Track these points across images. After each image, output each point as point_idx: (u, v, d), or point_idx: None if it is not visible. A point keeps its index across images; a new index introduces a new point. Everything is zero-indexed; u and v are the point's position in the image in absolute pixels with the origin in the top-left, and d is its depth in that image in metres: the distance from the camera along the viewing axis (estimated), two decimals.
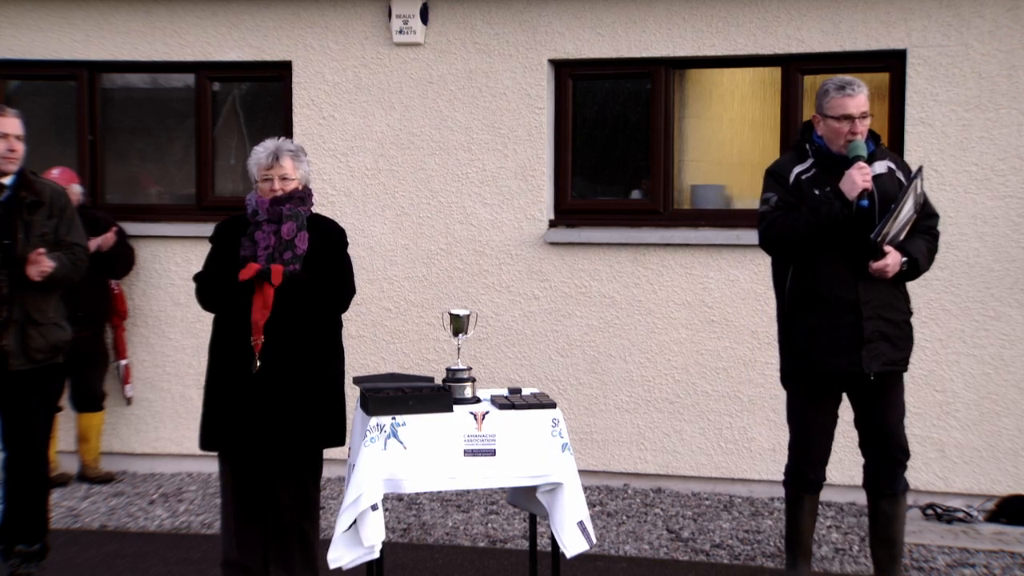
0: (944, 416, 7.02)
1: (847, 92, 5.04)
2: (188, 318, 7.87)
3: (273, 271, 4.85)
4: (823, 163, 5.10)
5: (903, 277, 5.09)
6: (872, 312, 5.01)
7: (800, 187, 5.08)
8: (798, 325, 5.13)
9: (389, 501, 7.01)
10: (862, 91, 5.07)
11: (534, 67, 7.57)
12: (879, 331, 5.02)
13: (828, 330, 5.03)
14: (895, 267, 4.99)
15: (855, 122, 5.02)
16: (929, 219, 5.21)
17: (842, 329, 5.01)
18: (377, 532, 4.51)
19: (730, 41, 7.31)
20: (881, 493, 5.21)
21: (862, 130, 5.04)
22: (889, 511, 5.21)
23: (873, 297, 5.01)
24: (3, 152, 5.42)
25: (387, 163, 7.78)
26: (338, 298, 5.08)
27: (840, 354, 5.03)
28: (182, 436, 7.99)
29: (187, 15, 7.97)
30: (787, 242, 5.10)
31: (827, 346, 5.04)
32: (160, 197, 8.49)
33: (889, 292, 5.07)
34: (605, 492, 7.42)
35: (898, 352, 5.10)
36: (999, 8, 6.87)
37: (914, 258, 5.04)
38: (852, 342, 5.00)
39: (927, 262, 5.16)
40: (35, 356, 5.45)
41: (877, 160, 5.12)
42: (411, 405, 4.60)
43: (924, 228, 5.16)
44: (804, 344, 5.11)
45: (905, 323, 5.15)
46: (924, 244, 5.13)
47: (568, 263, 7.57)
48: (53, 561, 5.73)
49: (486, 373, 7.50)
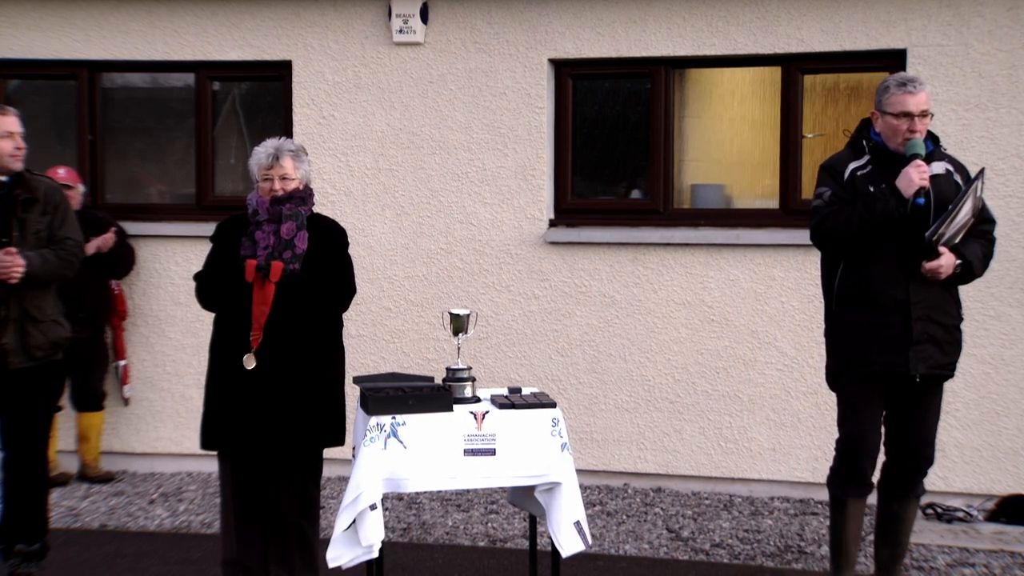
0: (944, 416, 6.96)
1: (908, 89, 4.96)
2: (188, 317, 7.87)
3: (272, 268, 4.86)
4: (880, 160, 5.03)
5: (956, 280, 5.02)
6: (922, 313, 4.94)
7: (855, 184, 5.01)
8: (846, 323, 5.06)
9: (389, 500, 7.01)
10: (923, 88, 4.98)
11: (534, 67, 7.57)
12: (927, 333, 4.95)
13: (877, 329, 4.97)
14: (949, 269, 4.93)
15: (914, 120, 4.94)
16: (985, 224, 5.13)
17: (891, 329, 4.94)
18: (376, 531, 4.51)
19: (730, 41, 7.31)
20: (895, 494, 5.19)
21: (921, 128, 4.96)
22: (900, 513, 5.20)
23: (924, 298, 4.94)
24: (11, 151, 5.43)
25: (387, 162, 7.78)
26: (338, 297, 5.09)
27: (887, 354, 4.96)
28: (182, 436, 8.00)
29: (187, 15, 7.97)
30: (839, 238, 5.01)
31: (874, 345, 4.97)
32: (160, 197, 8.49)
33: (940, 295, 4.99)
34: (605, 491, 7.42)
35: (945, 356, 5.03)
36: (999, 8, 6.87)
37: (968, 261, 4.97)
38: (900, 342, 4.94)
39: (981, 267, 5.08)
40: (35, 353, 5.45)
41: (935, 161, 5.04)
42: (411, 404, 4.60)
43: (980, 233, 5.08)
44: (852, 342, 5.04)
45: (955, 328, 5.07)
46: (980, 248, 5.05)
47: (568, 262, 7.57)
48: (53, 561, 5.73)
49: (486, 373, 7.50)
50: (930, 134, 5.10)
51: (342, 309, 5.15)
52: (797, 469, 7.22)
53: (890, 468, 5.21)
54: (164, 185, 8.51)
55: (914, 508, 5.22)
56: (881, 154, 5.03)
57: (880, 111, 5.04)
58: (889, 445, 5.19)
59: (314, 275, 4.96)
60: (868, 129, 5.13)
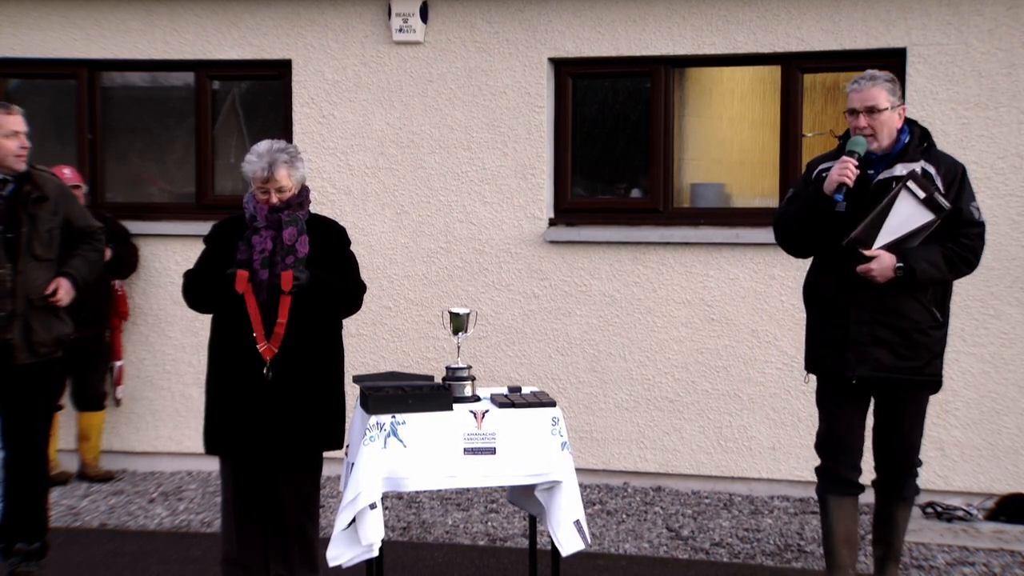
0: (944, 415, 7.02)
1: (854, 86, 4.99)
2: (188, 317, 7.86)
3: (283, 278, 4.83)
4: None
5: (902, 284, 4.86)
6: (867, 316, 4.89)
7: (816, 182, 5.01)
8: (808, 324, 5.17)
9: (389, 499, 7.01)
10: (871, 85, 4.94)
11: (534, 65, 7.57)
12: (874, 336, 4.89)
13: (824, 330, 5.04)
14: (884, 272, 4.83)
15: (859, 116, 4.93)
16: (965, 227, 4.90)
17: (834, 330, 4.97)
18: (376, 530, 4.51)
19: (730, 39, 7.31)
20: (884, 496, 5.18)
21: (865, 124, 4.91)
22: (890, 514, 5.17)
23: (870, 301, 4.89)
24: (16, 151, 5.44)
25: (387, 161, 7.78)
26: (352, 297, 5.08)
27: (831, 355, 5.00)
28: (182, 435, 8.00)
29: (187, 14, 7.97)
30: (782, 233, 5.15)
31: (822, 346, 5.05)
32: (160, 196, 8.50)
33: (895, 298, 4.88)
34: (605, 491, 7.42)
35: (901, 361, 4.92)
36: (999, 6, 6.87)
37: (910, 265, 4.82)
38: (840, 344, 4.95)
39: (940, 271, 4.88)
40: (39, 350, 5.46)
41: (907, 161, 4.92)
42: (411, 404, 4.60)
43: (953, 235, 4.89)
44: (809, 343, 5.15)
45: (918, 331, 4.93)
46: (939, 252, 4.86)
47: (568, 262, 7.57)
48: (53, 560, 5.73)
49: (486, 372, 7.50)
50: (923, 132, 5.02)
51: (356, 308, 5.13)
52: (797, 468, 7.22)
53: (877, 471, 5.19)
54: (164, 184, 8.51)
55: (904, 511, 5.16)
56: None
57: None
58: (874, 448, 5.16)
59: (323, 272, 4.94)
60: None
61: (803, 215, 4.97)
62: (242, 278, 4.83)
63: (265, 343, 4.86)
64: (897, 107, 4.96)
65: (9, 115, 5.46)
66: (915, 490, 5.17)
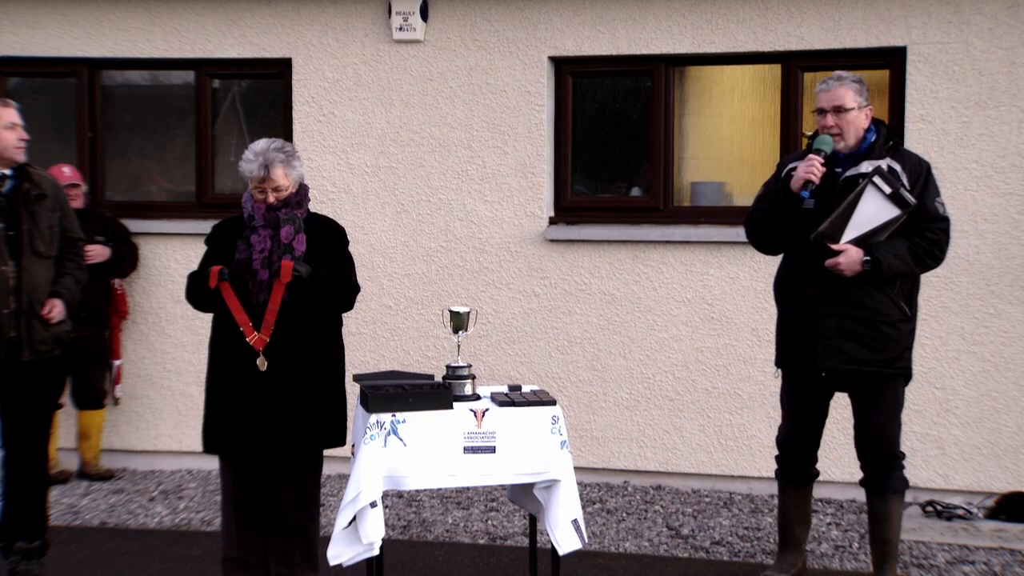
0: (944, 413, 7.02)
1: (822, 87, 5.15)
2: (188, 315, 7.86)
3: (283, 267, 4.83)
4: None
5: (868, 277, 4.98)
6: (834, 309, 5.01)
7: (783, 181, 5.17)
8: (778, 317, 5.29)
9: (389, 498, 7.01)
10: (836, 85, 5.11)
11: (534, 64, 7.57)
12: (843, 329, 5.01)
13: (793, 324, 5.15)
14: (851, 266, 4.95)
15: (827, 115, 5.09)
16: (931, 222, 5.05)
17: (804, 324, 5.09)
18: (377, 529, 4.52)
19: (730, 38, 7.30)
20: (873, 492, 5.24)
21: (833, 123, 5.07)
22: (880, 510, 5.22)
23: (838, 295, 5.00)
24: (15, 142, 5.46)
25: (387, 160, 7.78)
26: (345, 296, 5.08)
27: (800, 349, 5.11)
28: (182, 433, 8.00)
29: (187, 12, 7.96)
30: (753, 231, 5.28)
31: (791, 340, 5.16)
32: (160, 194, 8.50)
33: (863, 291, 5.00)
34: (605, 489, 7.42)
35: (870, 353, 5.02)
36: (999, 5, 6.87)
37: (876, 258, 4.93)
38: (809, 338, 5.06)
39: (907, 264, 5.01)
40: (39, 348, 5.47)
41: (873, 159, 5.06)
42: (411, 402, 4.60)
43: (919, 230, 5.03)
44: (778, 337, 5.27)
45: (887, 324, 5.04)
46: (906, 246, 5.00)
47: (568, 260, 7.57)
48: (53, 558, 5.73)
49: (486, 370, 7.50)
50: (888, 131, 5.18)
51: (348, 307, 5.14)
52: None
53: (862, 467, 5.28)
54: (164, 183, 8.50)
55: (896, 505, 5.21)
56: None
57: None
58: (856, 445, 5.26)
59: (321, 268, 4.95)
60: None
61: (771, 212, 5.11)
62: (213, 273, 4.85)
63: (255, 333, 4.86)
64: (864, 107, 5.13)
65: (6, 108, 5.51)
66: (903, 482, 5.23)
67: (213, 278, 4.85)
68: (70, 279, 5.61)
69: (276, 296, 4.84)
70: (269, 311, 4.84)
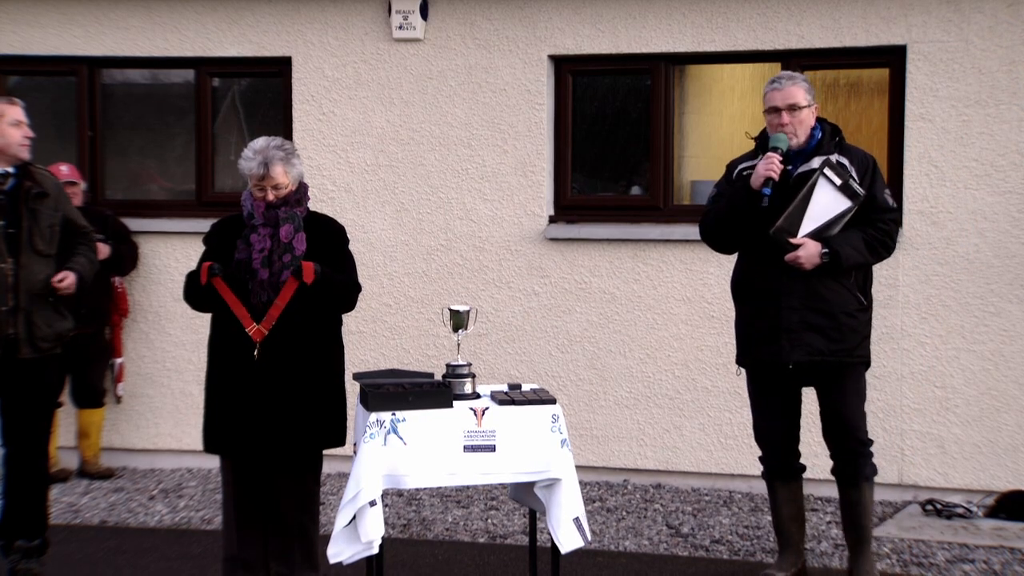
0: (944, 412, 7.02)
1: (775, 86, 5.24)
2: (188, 314, 7.82)
3: (304, 268, 4.82)
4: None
5: (828, 269, 5.11)
6: (796, 303, 5.13)
7: (738, 181, 5.27)
8: (738, 316, 5.37)
9: (389, 497, 7.01)
10: (790, 84, 5.21)
11: (534, 63, 7.57)
12: (805, 322, 5.13)
13: (755, 320, 5.24)
14: (810, 259, 5.08)
15: (781, 114, 5.18)
16: (881, 213, 5.21)
17: (765, 319, 5.18)
18: (376, 528, 4.52)
19: (730, 37, 7.30)
20: (844, 480, 5.36)
21: (787, 121, 5.17)
22: (853, 498, 5.33)
23: (799, 288, 5.12)
24: (20, 140, 5.47)
25: (387, 159, 7.78)
26: (350, 296, 5.08)
27: (763, 344, 5.21)
28: (182, 432, 8.00)
29: (187, 11, 7.96)
30: (710, 231, 5.35)
31: (753, 336, 5.25)
32: (160, 192, 8.50)
33: (822, 283, 5.13)
34: (605, 488, 7.42)
35: (833, 344, 5.15)
36: (999, 4, 6.87)
37: (835, 250, 5.07)
38: (773, 332, 5.16)
39: (862, 255, 5.15)
40: (40, 345, 5.48)
41: (823, 155, 5.18)
42: (411, 401, 4.60)
43: (870, 221, 5.19)
44: (740, 333, 5.36)
45: (846, 315, 5.17)
46: (860, 237, 5.14)
47: (568, 259, 7.57)
48: (53, 556, 5.73)
49: (486, 369, 7.50)
50: (832, 128, 5.29)
51: (351, 307, 5.14)
52: None
53: (833, 456, 5.40)
54: (164, 181, 8.51)
55: (867, 492, 5.31)
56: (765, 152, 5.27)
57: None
58: (825, 434, 5.40)
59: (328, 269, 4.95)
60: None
61: (730, 211, 5.21)
62: (204, 269, 4.85)
63: (254, 325, 4.85)
64: (812, 105, 5.26)
65: (11, 105, 5.54)
66: (873, 469, 5.35)
67: (203, 274, 4.85)
68: (83, 258, 5.62)
69: (286, 294, 4.84)
70: (275, 306, 4.84)
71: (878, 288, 7.04)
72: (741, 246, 5.32)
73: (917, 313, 7.03)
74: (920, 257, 7.01)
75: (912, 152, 6.99)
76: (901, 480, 7.09)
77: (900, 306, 7.02)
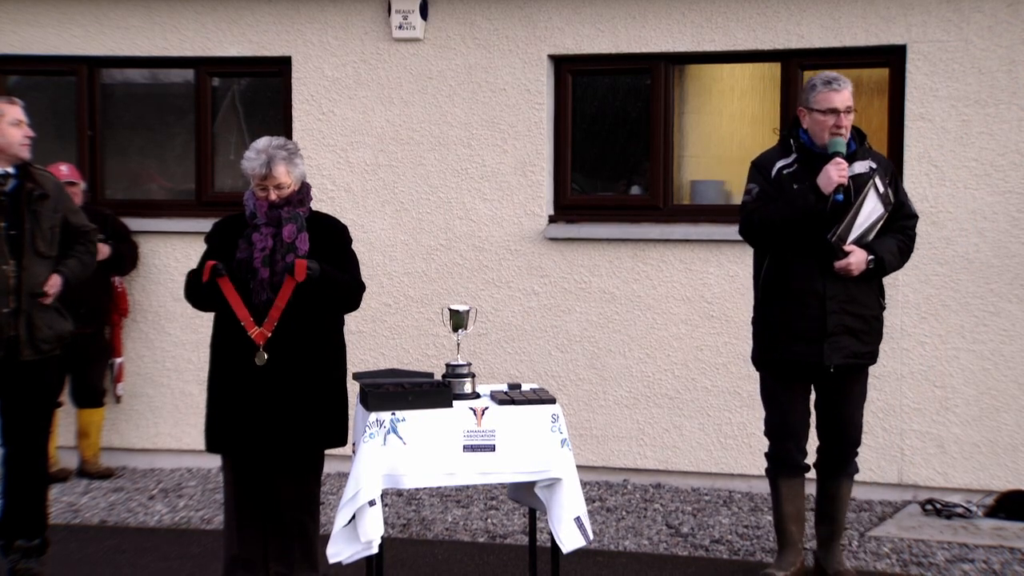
0: (943, 412, 7.02)
1: (833, 87, 5.22)
2: (188, 314, 7.84)
3: (296, 266, 4.82)
4: (805, 159, 5.27)
5: (871, 275, 5.24)
6: (837, 307, 5.20)
7: (781, 181, 5.26)
8: (769, 315, 5.35)
9: (388, 496, 7.01)
10: (847, 87, 5.24)
11: (534, 62, 7.57)
12: (843, 325, 5.21)
13: (795, 321, 5.24)
14: (859, 266, 5.16)
15: (840, 116, 5.20)
16: (907, 219, 5.36)
17: (808, 321, 5.21)
18: (376, 528, 4.52)
19: (730, 36, 7.30)
20: (829, 474, 5.47)
21: (846, 124, 5.21)
22: (835, 492, 5.47)
23: (839, 292, 5.19)
24: (21, 139, 5.47)
25: (386, 159, 7.78)
26: (353, 295, 5.08)
27: (804, 345, 5.23)
28: (181, 432, 8.00)
29: (186, 11, 7.96)
30: (764, 233, 5.29)
31: (793, 336, 5.25)
32: (160, 192, 8.50)
33: (857, 288, 5.23)
34: (605, 488, 7.42)
35: (863, 346, 5.29)
36: (999, 3, 6.87)
37: (880, 257, 5.19)
38: (816, 334, 5.20)
39: (897, 261, 5.32)
40: (41, 346, 5.48)
41: (859, 160, 5.26)
42: (410, 400, 4.61)
43: (899, 228, 5.32)
44: (774, 332, 5.34)
45: (874, 318, 5.33)
46: (895, 243, 5.28)
47: (568, 259, 7.57)
48: (53, 556, 5.73)
49: (485, 369, 7.50)
50: (858, 132, 5.36)
51: (354, 307, 5.15)
52: None
53: (823, 451, 5.50)
54: (164, 181, 8.51)
55: (848, 486, 5.48)
56: (807, 152, 5.29)
57: (807, 108, 5.29)
58: (819, 429, 5.49)
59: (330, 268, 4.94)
60: (797, 128, 5.37)
61: (794, 215, 5.15)
62: (207, 268, 4.84)
63: (256, 328, 4.85)
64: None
65: (12, 105, 5.54)
66: (856, 467, 5.51)
67: (206, 272, 4.84)
68: (76, 261, 5.62)
69: (284, 293, 4.83)
70: (275, 307, 4.84)
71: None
72: (788, 245, 5.26)
73: (917, 313, 7.04)
74: (920, 257, 6.99)
75: (912, 152, 6.99)
76: (901, 480, 7.09)
77: (900, 306, 7.02)
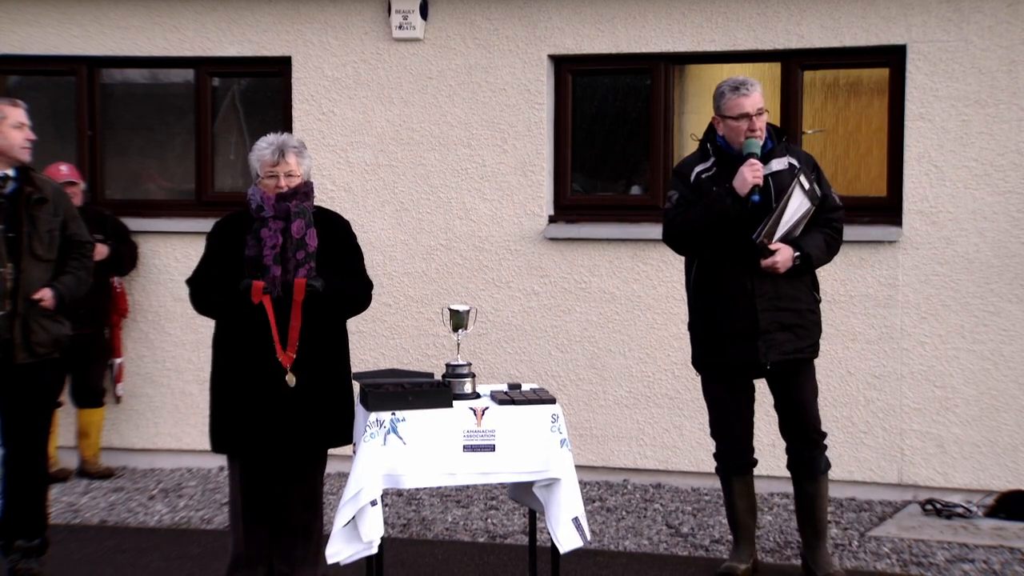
0: (943, 412, 7.02)
1: (742, 92, 5.30)
2: (188, 314, 7.78)
3: (296, 286, 4.82)
4: (723, 162, 5.36)
5: (799, 271, 5.28)
6: (768, 304, 5.26)
7: (700, 185, 5.35)
8: (702, 316, 5.42)
9: (388, 496, 7.01)
10: (756, 89, 5.31)
11: (534, 62, 7.57)
12: (777, 322, 5.27)
13: (727, 321, 5.30)
14: (785, 263, 5.22)
15: (752, 120, 5.27)
16: (832, 212, 5.40)
17: (740, 321, 5.27)
18: (376, 528, 4.52)
19: (730, 36, 7.30)
20: (802, 474, 5.51)
21: (760, 126, 5.28)
22: (810, 490, 5.50)
23: (768, 290, 5.25)
24: (22, 142, 5.46)
25: (387, 159, 7.78)
26: (362, 299, 5.11)
27: (739, 345, 5.29)
28: (181, 432, 8.00)
29: (186, 11, 7.96)
30: (685, 237, 5.37)
31: (727, 337, 5.32)
32: (160, 192, 8.50)
33: (787, 284, 5.28)
34: (605, 488, 7.42)
35: (800, 341, 5.34)
36: (999, 3, 6.87)
37: (807, 253, 5.25)
38: (749, 334, 5.27)
39: (825, 255, 5.37)
40: (37, 350, 5.47)
41: (777, 157, 5.33)
42: (411, 401, 4.61)
43: (825, 221, 5.36)
44: (709, 335, 5.41)
45: (809, 311, 5.38)
46: (822, 238, 5.33)
47: (568, 259, 7.57)
48: (53, 556, 5.73)
49: (486, 369, 7.50)
50: (775, 130, 5.43)
51: (364, 307, 5.17)
52: None
53: (789, 450, 5.56)
54: (164, 181, 8.51)
55: (823, 485, 5.49)
56: (724, 156, 5.37)
57: (720, 116, 5.38)
58: (781, 429, 5.56)
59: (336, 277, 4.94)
60: (714, 132, 5.45)
61: (711, 218, 5.23)
62: (257, 289, 4.80)
63: (283, 352, 4.85)
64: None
65: (15, 108, 5.52)
66: (827, 463, 5.53)
67: (256, 294, 4.80)
68: (71, 277, 5.58)
69: (296, 315, 4.82)
70: (292, 328, 4.83)
71: (877, 288, 7.07)
72: (711, 249, 5.34)
73: (917, 313, 7.03)
74: (920, 257, 7.01)
75: (912, 152, 6.99)
76: (901, 480, 7.09)
77: (900, 306, 7.02)
